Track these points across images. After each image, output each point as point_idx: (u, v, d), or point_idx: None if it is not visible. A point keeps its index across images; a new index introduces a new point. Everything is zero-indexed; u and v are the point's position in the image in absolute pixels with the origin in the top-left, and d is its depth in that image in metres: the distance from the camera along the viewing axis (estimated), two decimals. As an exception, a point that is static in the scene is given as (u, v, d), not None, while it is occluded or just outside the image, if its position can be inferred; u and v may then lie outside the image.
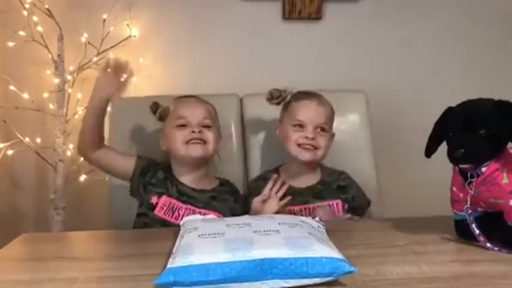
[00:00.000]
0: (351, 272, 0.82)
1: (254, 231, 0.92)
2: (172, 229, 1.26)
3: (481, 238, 1.01)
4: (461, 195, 1.05)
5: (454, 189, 1.07)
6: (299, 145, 1.40)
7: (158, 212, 1.34)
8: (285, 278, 0.82)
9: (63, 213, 1.83)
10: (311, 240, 0.89)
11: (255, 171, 1.63)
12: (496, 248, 0.98)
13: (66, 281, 0.89)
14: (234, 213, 1.35)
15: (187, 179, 1.40)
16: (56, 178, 1.83)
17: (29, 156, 1.90)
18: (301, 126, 1.41)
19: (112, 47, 1.87)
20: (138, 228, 1.36)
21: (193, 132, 1.34)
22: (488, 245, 1.00)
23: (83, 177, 1.89)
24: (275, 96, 1.45)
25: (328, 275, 0.82)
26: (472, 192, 1.02)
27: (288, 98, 1.46)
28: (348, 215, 1.30)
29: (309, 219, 1.05)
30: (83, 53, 1.86)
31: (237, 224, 0.97)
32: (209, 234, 0.92)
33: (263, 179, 1.44)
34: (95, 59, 1.86)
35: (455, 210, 1.08)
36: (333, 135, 1.47)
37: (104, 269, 0.98)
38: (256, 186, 1.44)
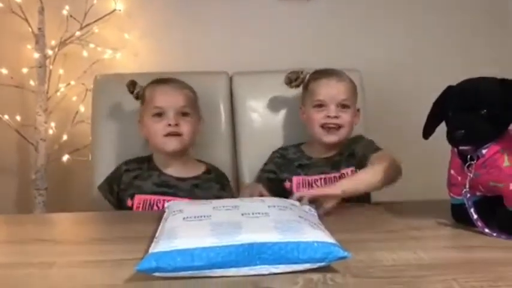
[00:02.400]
0: (344, 258, 0.78)
1: (242, 214, 0.88)
2: (158, 212, 1.22)
3: (479, 223, 0.97)
4: (459, 178, 1.01)
5: (452, 172, 1.03)
6: (322, 126, 1.36)
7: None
8: (274, 263, 0.78)
9: (45, 194, 1.78)
10: (302, 224, 0.85)
11: (245, 154, 1.59)
12: (494, 234, 0.95)
13: (42, 265, 0.85)
14: None
15: (169, 167, 1.38)
16: (37, 158, 1.77)
17: (9, 134, 1.84)
18: (322, 105, 1.37)
19: (96, 21, 1.80)
20: None
21: (170, 125, 1.32)
22: (487, 230, 0.96)
23: (65, 157, 1.84)
24: (293, 79, 1.42)
25: (320, 260, 0.78)
26: (471, 176, 0.98)
27: (307, 79, 1.42)
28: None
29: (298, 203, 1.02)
30: (64, 27, 1.79)
31: (224, 206, 0.93)
32: (195, 217, 0.88)
33: (284, 149, 1.48)
34: (77, 33, 1.79)
35: (453, 194, 1.05)
36: (358, 110, 1.42)
37: (84, 253, 0.94)
38: (275, 155, 1.46)
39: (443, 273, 0.77)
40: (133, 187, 1.35)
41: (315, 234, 0.81)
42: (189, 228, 0.84)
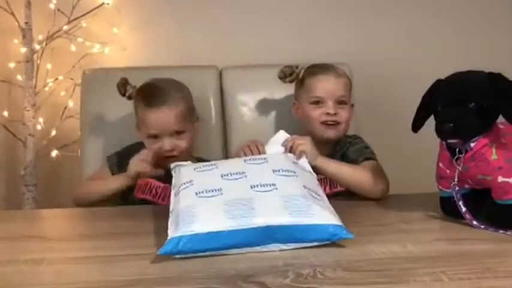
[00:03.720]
0: (347, 238, 0.86)
1: (251, 187, 0.92)
2: (150, 207, 1.22)
3: (468, 216, 0.98)
4: (448, 171, 1.02)
5: (441, 165, 1.04)
6: (322, 123, 1.34)
7: (137, 193, 1.29)
8: (285, 242, 0.86)
9: (35, 189, 1.76)
10: (308, 200, 0.90)
11: (236, 148, 1.57)
12: (482, 226, 0.96)
13: (31, 262, 0.84)
14: None
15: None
16: (25, 153, 1.75)
17: (-4, 130, 1.81)
18: (320, 102, 1.35)
19: (84, 15, 1.78)
20: None
21: (167, 150, 1.30)
22: (475, 222, 0.97)
23: (54, 153, 1.82)
24: (288, 74, 1.39)
25: (326, 239, 0.87)
26: (459, 169, 0.98)
27: (302, 74, 1.40)
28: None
29: (300, 161, 1.09)
30: (52, 21, 1.76)
31: (231, 175, 0.96)
32: (206, 191, 0.91)
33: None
34: (65, 27, 1.77)
35: (442, 187, 1.05)
36: (352, 105, 1.41)
37: (74, 249, 0.94)
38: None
39: (431, 266, 0.78)
40: None
41: (323, 215, 0.88)
42: (205, 209, 0.88)
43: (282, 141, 1.17)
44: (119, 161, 1.37)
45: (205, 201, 0.90)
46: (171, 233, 0.85)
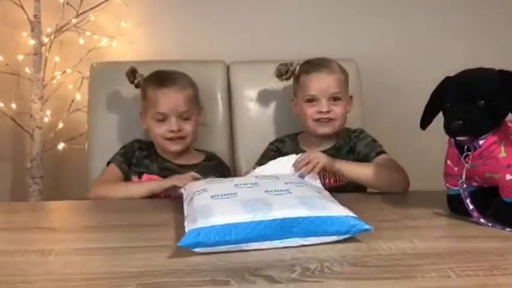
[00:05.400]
0: (367, 230, 0.85)
1: (265, 191, 0.93)
2: (156, 201, 1.22)
3: (475, 213, 0.98)
4: (456, 169, 1.01)
5: (449, 162, 1.04)
6: (315, 120, 1.36)
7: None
8: (304, 236, 0.84)
9: (41, 182, 1.77)
10: (323, 200, 0.91)
11: (242, 143, 1.59)
12: (489, 224, 0.96)
13: (40, 252, 0.85)
14: None
15: (170, 156, 1.40)
16: (32, 146, 1.76)
17: (4, 122, 1.82)
18: (314, 99, 1.36)
19: (92, 8, 1.78)
20: None
21: (172, 131, 1.34)
22: (482, 220, 0.97)
23: (61, 145, 1.83)
24: (284, 72, 1.42)
25: (345, 233, 0.85)
26: (468, 166, 0.98)
27: (297, 70, 1.42)
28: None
29: (310, 180, 1.09)
30: (60, 14, 1.76)
31: (245, 184, 0.97)
32: (222, 195, 0.92)
33: (280, 141, 1.46)
34: (73, 20, 1.77)
35: (449, 184, 1.05)
36: (350, 97, 1.42)
37: (81, 240, 0.94)
38: (271, 148, 1.44)
39: (439, 262, 0.78)
40: (142, 166, 1.38)
41: (339, 209, 0.88)
42: (222, 206, 0.88)
43: (292, 161, 1.16)
44: (125, 158, 1.39)
45: (220, 201, 0.90)
46: (188, 227, 0.84)
